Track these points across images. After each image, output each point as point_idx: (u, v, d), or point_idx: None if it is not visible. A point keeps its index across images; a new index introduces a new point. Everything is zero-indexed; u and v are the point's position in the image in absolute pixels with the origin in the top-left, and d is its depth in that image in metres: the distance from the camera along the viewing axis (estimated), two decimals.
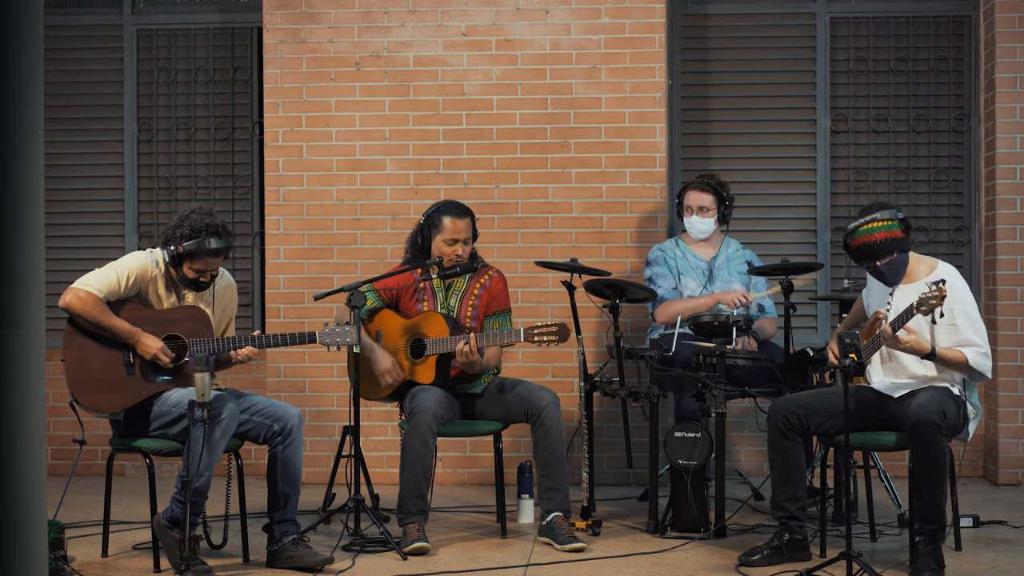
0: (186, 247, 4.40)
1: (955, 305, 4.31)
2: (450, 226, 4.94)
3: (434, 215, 4.99)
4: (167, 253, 4.45)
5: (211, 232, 4.42)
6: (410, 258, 5.07)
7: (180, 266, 4.46)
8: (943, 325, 4.31)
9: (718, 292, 5.54)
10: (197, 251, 4.41)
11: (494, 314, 5.03)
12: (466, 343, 4.71)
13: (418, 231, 5.04)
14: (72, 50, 6.84)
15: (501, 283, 5.08)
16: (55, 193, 6.65)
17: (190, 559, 4.11)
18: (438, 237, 4.96)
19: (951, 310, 4.30)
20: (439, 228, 4.96)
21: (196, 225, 4.41)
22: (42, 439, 2.02)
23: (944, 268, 4.43)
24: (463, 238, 4.94)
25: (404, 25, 6.39)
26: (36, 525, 1.99)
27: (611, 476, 6.20)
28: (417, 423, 4.66)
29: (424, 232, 5.00)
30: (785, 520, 4.41)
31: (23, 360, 1.97)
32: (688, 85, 6.60)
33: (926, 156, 6.54)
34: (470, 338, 4.72)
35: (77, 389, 4.38)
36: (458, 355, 4.75)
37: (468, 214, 5.00)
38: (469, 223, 4.98)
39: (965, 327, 4.30)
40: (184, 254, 4.41)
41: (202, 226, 4.41)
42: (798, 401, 4.46)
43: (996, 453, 6.17)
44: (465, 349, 4.71)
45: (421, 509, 4.68)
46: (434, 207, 5.04)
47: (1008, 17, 6.20)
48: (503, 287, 5.08)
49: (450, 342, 4.80)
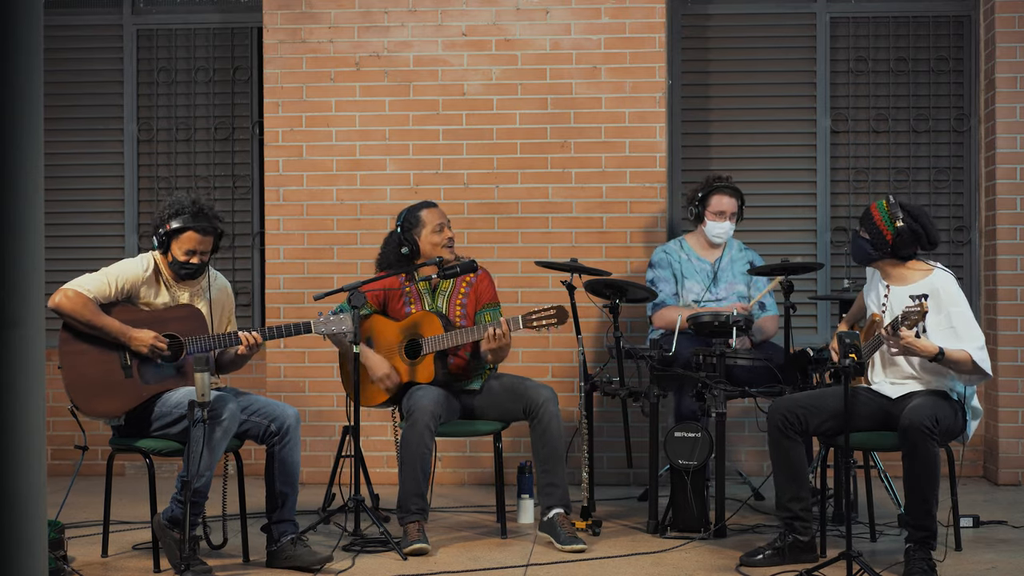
0: (174, 223, 4.44)
1: (951, 308, 4.31)
2: (429, 216, 5.01)
3: (408, 217, 5.02)
4: (156, 238, 4.49)
5: (195, 208, 4.49)
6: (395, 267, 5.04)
7: (170, 249, 4.48)
8: (940, 329, 4.31)
9: (714, 308, 5.50)
10: (183, 227, 4.44)
11: (483, 308, 5.05)
12: (497, 327, 4.74)
13: (398, 241, 5.01)
14: (72, 50, 6.84)
15: (487, 279, 5.10)
16: (55, 193, 6.65)
17: (190, 559, 4.10)
18: (424, 232, 4.98)
19: (948, 314, 4.31)
20: (420, 223, 5.00)
21: (181, 202, 4.50)
22: (42, 439, 2.02)
23: (938, 275, 4.41)
24: (446, 221, 5.04)
25: (404, 25, 6.39)
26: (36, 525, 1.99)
27: (611, 476, 6.20)
28: (415, 422, 4.66)
29: (407, 237, 4.99)
30: (789, 521, 4.40)
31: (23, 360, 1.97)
32: (688, 85, 6.60)
33: (926, 156, 6.54)
34: (502, 322, 4.76)
35: (76, 396, 4.36)
36: (488, 341, 4.77)
37: (436, 203, 5.14)
38: (442, 209, 5.10)
39: (963, 328, 4.30)
40: (172, 231, 4.45)
41: (187, 203, 4.50)
42: (798, 401, 4.46)
43: (996, 453, 6.17)
44: (498, 332, 4.74)
45: (421, 508, 4.68)
46: (403, 212, 5.07)
47: (1008, 17, 6.20)
48: (489, 282, 5.10)
49: (446, 339, 4.82)
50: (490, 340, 4.78)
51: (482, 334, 4.79)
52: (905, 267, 4.47)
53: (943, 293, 4.34)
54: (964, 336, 4.29)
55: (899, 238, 4.37)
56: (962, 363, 4.26)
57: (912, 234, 4.38)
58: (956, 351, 4.26)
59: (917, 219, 4.40)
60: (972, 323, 4.34)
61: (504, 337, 4.77)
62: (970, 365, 4.26)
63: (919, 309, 4.13)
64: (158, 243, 4.49)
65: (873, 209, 4.46)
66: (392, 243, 5.06)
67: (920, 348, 4.23)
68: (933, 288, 4.35)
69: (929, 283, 4.37)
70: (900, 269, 4.47)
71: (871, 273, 4.64)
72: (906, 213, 4.40)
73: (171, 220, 4.46)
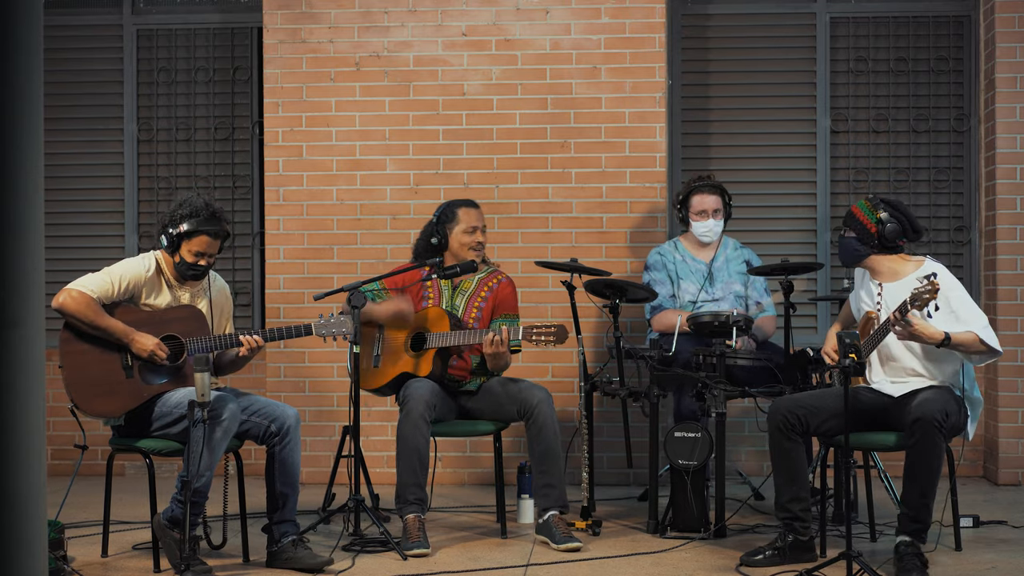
0: (186, 226, 4.43)
1: (948, 293, 4.33)
2: (465, 216, 5.07)
3: (447, 210, 5.10)
4: (166, 238, 4.48)
5: (209, 211, 4.49)
6: (422, 256, 5.11)
7: (179, 249, 4.47)
8: (942, 316, 4.31)
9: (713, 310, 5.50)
10: (196, 230, 4.44)
11: (501, 317, 5.05)
12: (496, 334, 4.75)
13: (431, 231, 5.10)
14: (72, 50, 6.84)
15: (509, 288, 5.11)
16: (55, 193, 6.66)
17: (190, 559, 4.10)
18: (456, 229, 5.05)
19: (946, 299, 4.31)
20: (455, 220, 5.06)
21: (195, 204, 4.49)
22: (42, 439, 2.02)
23: (929, 265, 4.46)
24: (480, 225, 5.08)
25: (404, 25, 6.39)
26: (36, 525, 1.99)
27: (611, 476, 6.20)
28: (409, 411, 4.69)
29: (439, 229, 5.06)
30: (789, 521, 4.40)
31: (23, 360, 1.96)
32: (688, 85, 6.60)
33: (926, 156, 6.54)
34: (502, 330, 4.77)
35: (77, 395, 4.36)
36: (486, 345, 4.79)
37: (478, 205, 5.18)
38: (481, 212, 5.14)
39: (964, 310, 4.32)
40: (184, 233, 4.44)
41: (200, 205, 4.49)
42: (798, 401, 4.46)
43: (996, 453, 6.17)
44: (496, 339, 4.75)
45: (419, 499, 4.68)
46: (444, 204, 5.15)
47: (1008, 17, 6.20)
48: (511, 292, 5.10)
49: (451, 337, 4.83)
50: (487, 345, 4.79)
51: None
52: (894, 261, 4.48)
53: (940, 279, 4.33)
54: (967, 318, 4.31)
55: (883, 227, 4.43)
56: (970, 344, 4.28)
57: (896, 223, 4.43)
58: (962, 333, 4.27)
59: (897, 208, 4.49)
60: (972, 305, 4.36)
61: (502, 345, 4.77)
62: (978, 344, 4.28)
63: (930, 287, 4.12)
64: (168, 242, 4.48)
65: (854, 208, 4.55)
66: (427, 231, 5.14)
67: (927, 335, 4.24)
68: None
69: (924, 272, 4.37)
70: (890, 264, 4.48)
71: (860, 276, 4.65)
72: (886, 204, 4.49)
73: (184, 222, 4.45)
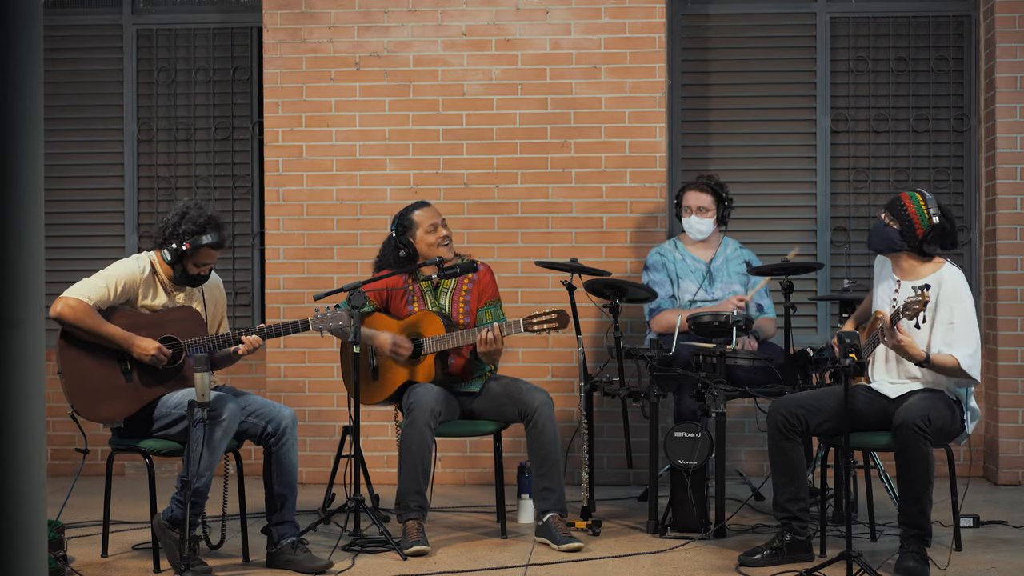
0: (192, 243, 4.40)
1: (955, 304, 4.30)
2: (420, 217, 5.00)
3: (401, 220, 5.01)
4: (168, 252, 4.44)
5: (213, 227, 4.45)
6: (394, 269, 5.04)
7: (181, 262, 4.45)
8: (941, 323, 4.30)
9: (712, 308, 5.49)
10: (202, 246, 4.41)
11: (486, 305, 5.04)
12: (489, 331, 4.74)
13: (396, 244, 5.00)
14: (72, 50, 6.84)
15: (488, 274, 5.09)
16: (55, 193, 6.65)
17: (190, 559, 4.11)
18: (418, 233, 4.98)
19: (951, 308, 4.30)
20: (413, 225, 4.99)
21: (198, 220, 4.43)
22: (42, 439, 2.02)
23: (947, 270, 4.40)
24: (439, 220, 5.01)
25: (404, 25, 6.39)
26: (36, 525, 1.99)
27: (611, 476, 6.20)
28: (415, 419, 4.67)
29: (403, 241, 4.98)
30: (787, 521, 4.41)
31: (23, 360, 1.96)
32: (688, 85, 6.60)
33: (926, 156, 6.54)
34: (494, 327, 4.76)
35: (78, 402, 4.34)
36: (480, 344, 4.77)
37: (429, 203, 5.11)
38: (435, 208, 5.08)
39: (961, 327, 4.29)
40: (189, 251, 4.41)
41: (204, 220, 4.44)
42: (798, 401, 4.46)
43: (996, 453, 6.16)
44: (489, 337, 4.74)
45: (420, 505, 4.68)
46: (396, 217, 5.05)
47: (1008, 17, 6.20)
48: (491, 278, 5.09)
49: (447, 339, 4.82)
50: (481, 344, 4.79)
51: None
52: (920, 261, 4.44)
53: (949, 287, 4.32)
54: (959, 337, 4.27)
55: (931, 233, 4.33)
56: (948, 368, 4.26)
57: (942, 232, 4.34)
58: (943, 356, 4.25)
59: (947, 217, 4.35)
60: (971, 325, 4.32)
61: (496, 342, 4.77)
62: (956, 370, 4.26)
63: (920, 299, 4.11)
64: (170, 256, 4.44)
65: (906, 200, 4.38)
66: (389, 247, 5.05)
67: (910, 352, 4.23)
68: (940, 281, 4.34)
69: (937, 277, 4.36)
70: (915, 263, 4.43)
71: (880, 264, 4.60)
72: (940, 210, 4.34)
73: (188, 239, 4.39)
